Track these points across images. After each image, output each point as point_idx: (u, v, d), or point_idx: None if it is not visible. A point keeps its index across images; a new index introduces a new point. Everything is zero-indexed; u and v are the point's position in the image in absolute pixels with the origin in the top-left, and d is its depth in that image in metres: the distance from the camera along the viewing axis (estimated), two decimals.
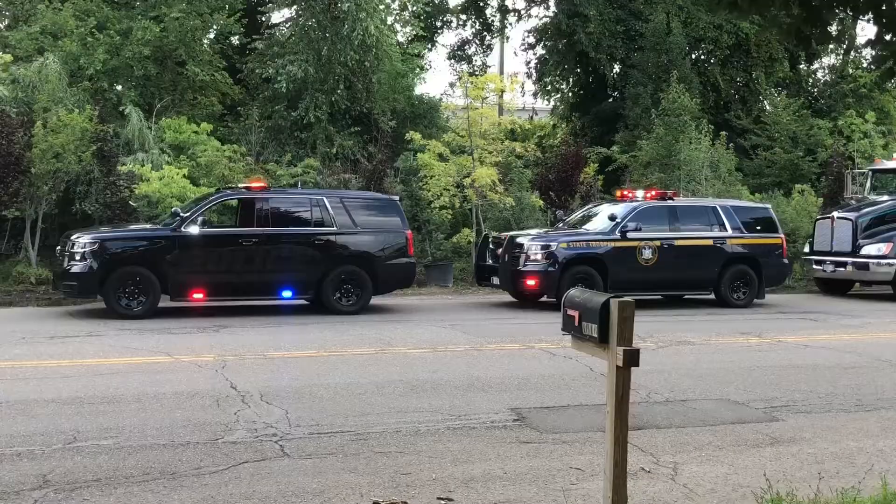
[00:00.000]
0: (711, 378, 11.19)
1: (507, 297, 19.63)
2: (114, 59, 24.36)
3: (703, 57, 34.92)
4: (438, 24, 39.38)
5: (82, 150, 20.12)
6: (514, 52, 56.18)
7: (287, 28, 29.93)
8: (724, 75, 34.02)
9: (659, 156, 27.24)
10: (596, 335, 5.34)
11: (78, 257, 15.84)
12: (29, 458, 7.44)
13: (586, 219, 20.02)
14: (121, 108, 23.76)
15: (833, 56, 38.04)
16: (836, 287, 22.63)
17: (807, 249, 22.99)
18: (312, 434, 8.28)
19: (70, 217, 21.41)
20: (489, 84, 24.92)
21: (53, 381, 10.38)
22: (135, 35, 24.44)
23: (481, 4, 40.36)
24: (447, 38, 70.24)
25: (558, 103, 39.93)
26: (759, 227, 19.99)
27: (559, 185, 25.16)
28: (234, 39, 29.64)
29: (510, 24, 41.16)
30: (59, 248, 16.75)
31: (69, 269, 15.90)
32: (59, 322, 15.42)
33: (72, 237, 16.22)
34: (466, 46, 41.09)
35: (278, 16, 31.32)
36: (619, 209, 18.97)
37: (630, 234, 18.40)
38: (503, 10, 40.23)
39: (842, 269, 21.71)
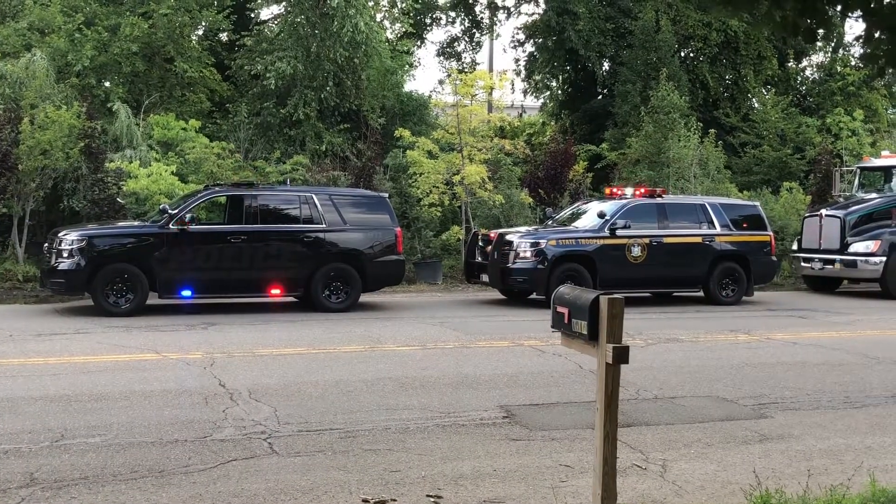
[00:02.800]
0: (700, 375, 11.20)
1: (497, 295, 19.63)
2: (102, 55, 24.29)
3: (692, 55, 35.01)
4: (427, 20, 39.37)
5: (70, 147, 20.03)
6: (504, 50, 56.90)
7: (276, 24, 29.88)
8: (713, 73, 34.10)
9: (648, 153, 27.30)
10: (585, 332, 5.33)
11: (65, 254, 15.77)
12: (16, 456, 7.40)
13: (575, 216, 20.03)
14: (109, 105, 23.69)
15: (821, 54, 38.17)
16: (824, 284, 22.70)
17: (795, 247, 23.06)
18: (301, 432, 8.26)
19: (58, 214, 21.33)
20: (478, 81, 24.89)
21: (41, 378, 10.33)
22: (123, 31, 24.36)
23: (471, 1, 40.36)
24: (436, 35, 70.32)
25: (547, 101, 39.96)
26: (747, 225, 20.03)
27: (548, 183, 25.18)
28: (223, 36, 29.60)
29: (500, 21, 41.24)
30: (46, 245, 16.66)
31: (56, 266, 15.83)
32: (46, 319, 15.35)
33: (59, 234, 16.15)
34: (456, 43, 41.11)
35: (267, 12, 31.32)
36: (609, 207, 18.97)
37: (619, 232, 18.41)
38: (493, 7, 40.25)
39: (830, 266, 21.78)
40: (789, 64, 37.35)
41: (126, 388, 9.81)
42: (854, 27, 44.05)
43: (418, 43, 38.15)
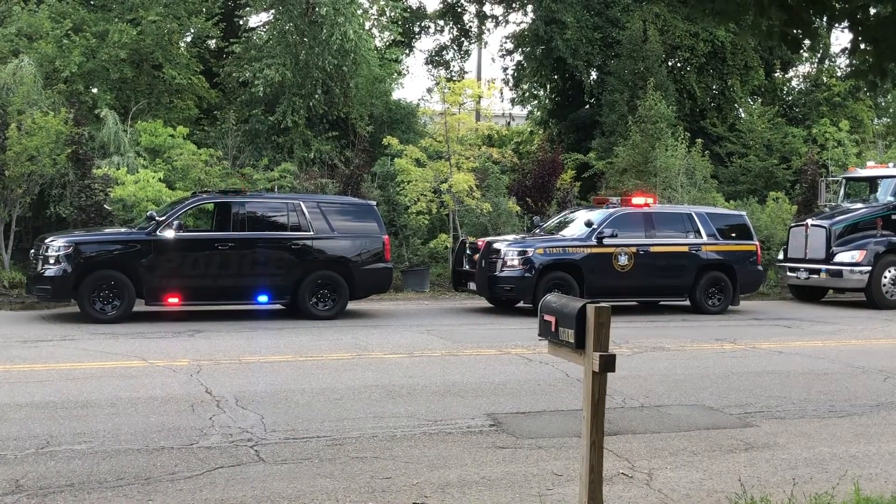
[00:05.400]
0: (686, 384, 11.24)
1: (484, 303, 19.65)
2: (90, 61, 24.23)
3: (679, 64, 35.15)
4: (416, 29, 39.48)
5: (57, 153, 19.99)
6: (492, 59, 57.08)
7: (265, 32, 29.88)
8: (700, 83, 34.25)
9: (635, 162, 27.37)
10: (572, 340, 5.35)
11: (52, 261, 15.72)
12: (1, 463, 7.37)
13: (563, 225, 20.07)
14: (96, 111, 23.63)
15: (808, 64, 38.40)
16: (809, 294, 22.79)
17: (781, 256, 23.15)
18: (288, 439, 8.25)
19: (44, 220, 21.27)
20: (466, 90, 24.94)
21: (26, 385, 10.29)
22: (111, 38, 24.32)
23: (459, 10, 40.51)
24: (425, 44, 70.75)
25: (535, 109, 40.06)
26: (733, 234, 20.11)
27: (536, 191, 25.23)
28: (212, 43, 29.56)
29: (488, 30, 41.48)
30: (32, 251, 16.62)
31: (43, 272, 15.78)
32: (32, 326, 15.29)
33: (46, 240, 16.10)
34: (444, 52, 41.23)
35: (256, 19, 31.33)
36: (596, 215, 19.02)
37: (606, 241, 18.45)
38: (481, 16, 40.39)
39: (815, 276, 21.87)
40: (776, 74, 37.54)
41: (112, 395, 9.78)
42: (840, 38, 44.39)
43: (407, 51, 38.22)
